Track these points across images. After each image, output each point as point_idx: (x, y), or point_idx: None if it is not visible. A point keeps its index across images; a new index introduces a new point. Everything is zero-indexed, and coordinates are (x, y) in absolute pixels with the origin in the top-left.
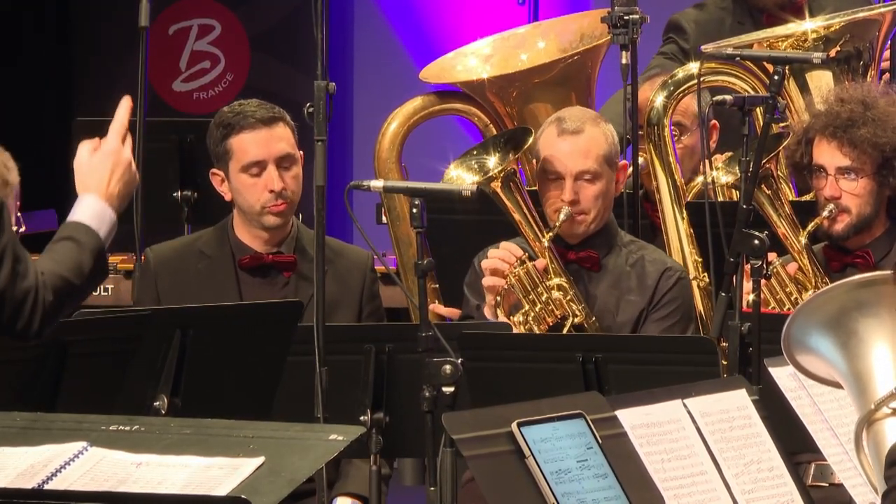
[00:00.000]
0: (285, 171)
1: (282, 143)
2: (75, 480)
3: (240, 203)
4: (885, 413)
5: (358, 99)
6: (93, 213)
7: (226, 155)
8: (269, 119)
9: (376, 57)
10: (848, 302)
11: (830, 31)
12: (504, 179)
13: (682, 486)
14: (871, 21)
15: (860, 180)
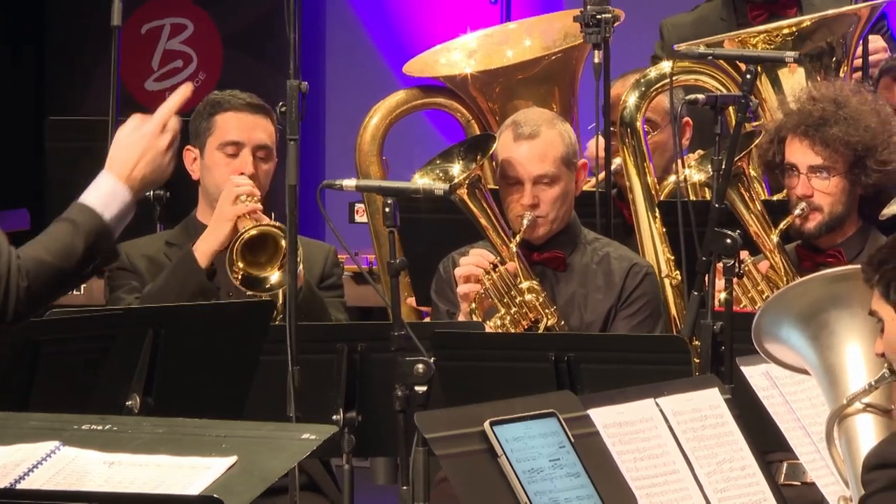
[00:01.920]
0: (261, 162)
1: (263, 134)
2: (48, 480)
3: (206, 182)
4: (857, 408)
5: (330, 98)
6: (103, 193)
7: (207, 131)
8: (257, 107)
9: (348, 56)
10: (821, 296)
11: (802, 27)
12: (469, 186)
13: (654, 485)
14: (844, 18)
15: (832, 179)
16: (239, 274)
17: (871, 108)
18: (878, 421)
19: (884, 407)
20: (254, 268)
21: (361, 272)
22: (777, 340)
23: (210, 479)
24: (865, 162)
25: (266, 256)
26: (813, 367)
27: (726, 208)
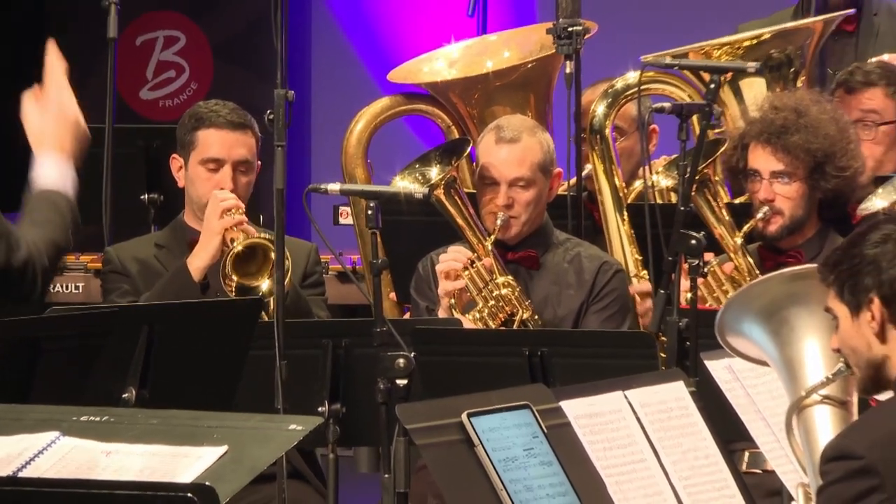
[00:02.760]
0: (241, 175)
1: (243, 150)
2: (48, 468)
3: (189, 192)
4: (814, 400)
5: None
6: (58, 174)
7: (190, 145)
8: (238, 124)
9: (333, 66)
10: (781, 293)
11: (761, 40)
12: (445, 187)
13: (622, 473)
14: (801, 31)
15: (793, 184)
16: (233, 286)
17: (830, 117)
18: (834, 412)
19: (840, 399)
20: (246, 278)
21: (345, 271)
22: (739, 335)
23: (202, 468)
24: (824, 168)
25: (256, 266)
26: (773, 360)
27: (691, 211)
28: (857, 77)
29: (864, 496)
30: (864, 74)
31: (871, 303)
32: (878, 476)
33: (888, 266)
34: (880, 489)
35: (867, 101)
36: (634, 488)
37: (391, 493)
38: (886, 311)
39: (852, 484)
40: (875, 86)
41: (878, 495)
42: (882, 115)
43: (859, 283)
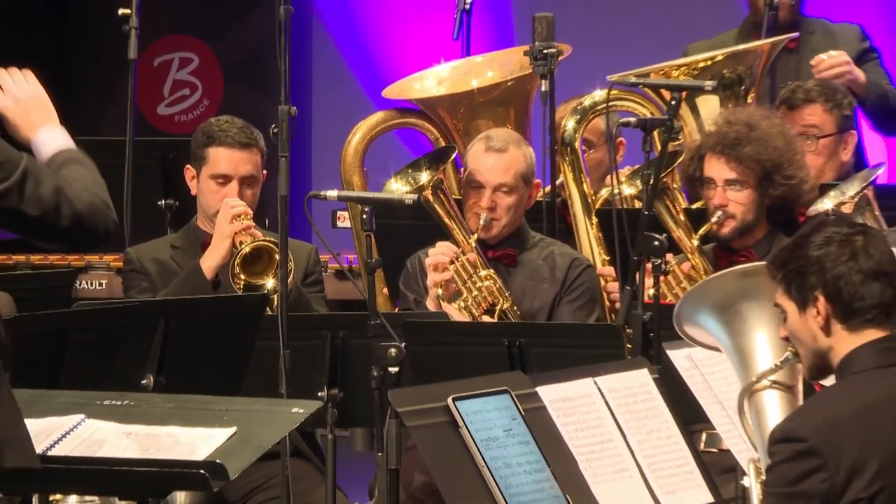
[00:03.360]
0: (246, 188)
1: (249, 166)
2: (74, 447)
3: (201, 201)
4: (764, 385)
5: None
6: (65, 140)
7: (202, 159)
8: (245, 143)
9: (331, 84)
10: (733, 288)
11: (716, 61)
12: (434, 189)
13: (592, 452)
14: (751, 53)
15: (744, 191)
16: (241, 284)
17: (779, 131)
18: (782, 396)
19: (787, 384)
20: (252, 277)
21: (343, 270)
22: (695, 325)
23: (213, 447)
24: (773, 177)
25: (262, 266)
26: (726, 349)
27: (653, 216)
28: (798, 95)
29: (807, 475)
30: (805, 92)
31: (817, 300)
32: (820, 457)
33: (831, 266)
34: (822, 469)
35: (808, 117)
36: (603, 465)
37: (384, 470)
38: (830, 307)
39: (797, 464)
40: (815, 102)
41: (820, 474)
42: (821, 128)
43: (805, 281)
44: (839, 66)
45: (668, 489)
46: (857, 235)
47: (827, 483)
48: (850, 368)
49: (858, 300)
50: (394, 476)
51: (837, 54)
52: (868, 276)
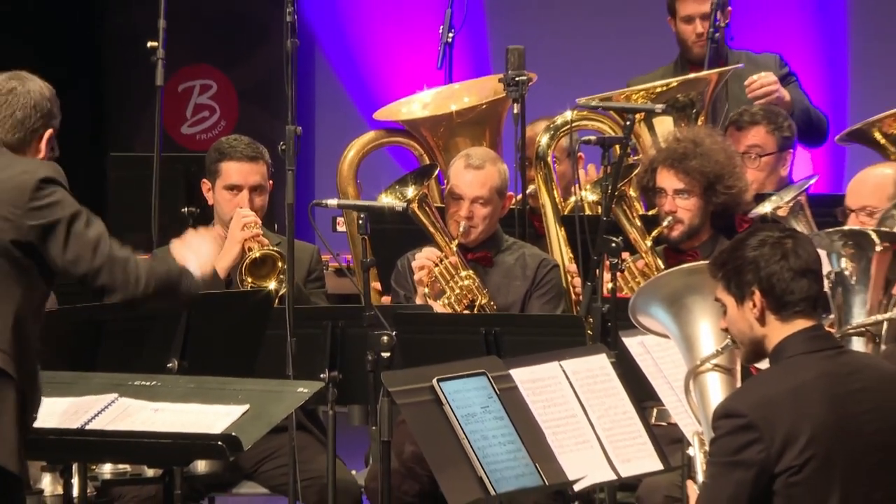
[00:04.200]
0: (255, 196)
1: (257, 176)
2: (108, 422)
3: (216, 210)
4: (707, 367)
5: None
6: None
7: (215, 173)
8: (252, 157)
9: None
10: (681, 283)
11: (670, 87)
12: (419, 201)
13: (558, 426)
14: (700, 80)
15: (691, 199)
16: (248, 286)
17: (721, 147)
18: (722, 377)
19: (727, 367)
20: (257, 279)
21: (341, 268)
22: (647, 316)
23: (229, 422)
24: (716, 187)
25: (266, 270)
26: (674, 336)
27: (612, 221)
28: (745, 118)
29: (746, 447)
30: (751, 115)
31: (753, 294)
32: (758, 431)
33: (765, 266)
34: (759, 441)
35: (752, 137)
36: (567, 438)
37: (378, 441)
38: (765, 301)
39: (737, 437)
40: (759, 124)
41: (757, 446)
42: (764, 148)
43: (743, 279)
44: (769, 86)
45: (624, 458)
46: (787, 238)
47: (763, 453)
48: (783, 354)
49: (789, 294)
50: (386, 447)
51: (766, 75)
52: (797, 274)
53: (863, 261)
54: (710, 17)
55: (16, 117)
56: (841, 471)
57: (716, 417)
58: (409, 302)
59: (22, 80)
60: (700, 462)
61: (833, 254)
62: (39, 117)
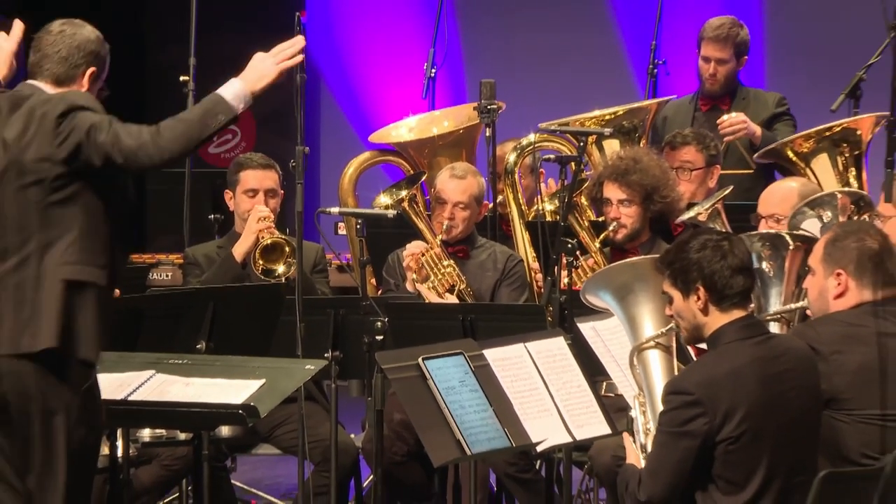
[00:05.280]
0: (270, 199)
1: (270, 182)
2: (147, 394)
3: (238, 213)
4: (649, 345)
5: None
6: (230, 86)
7: (235, 182)
8: (265, 165)
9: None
10: (626, 273)
11: (617, 115)
12: (409, 201)
13: (524, 397)
14: (643, 109)
15: (632, 207)
16: (260, 268)
17: (656, 164)
18: (662, 354)
19: (666, 345)
20: (269, 263)
21: (342, 265)
22: (598, 298)
23: (248, 394)
24: (653, 197)
25: (276, 256)
26: (620, 318)
27: (567, 226)
28: (678, 139)
29: (692, 419)
30: (683, 137)
31: (698, 289)
32: (702, 406)
33: (707, 265)
34: (704, 415)
35: (684, 155)
36: (531, 407)
37: (372, 410)
38: (707, 295)
39: (685, 411)
40: (689, 144)
41: (702, 419)
42: (694, 163)
43: (689, 277)
44: (737, 125)
45: (579, 424)
46: (724, 241)
47: (707, 425)
48: (721, 339)
49: (728, 289)
50: (379, 415)
51: (736, 115)
52: (734, 271)
53: (778, 259)
54: (651, 56)
55: (61, 54)
56: (770, 440)
57: (666, 393)
58: (399, 289)
59: (72, 24)
60: (640, 421)
61: (754, 253)
62: (82, 56)
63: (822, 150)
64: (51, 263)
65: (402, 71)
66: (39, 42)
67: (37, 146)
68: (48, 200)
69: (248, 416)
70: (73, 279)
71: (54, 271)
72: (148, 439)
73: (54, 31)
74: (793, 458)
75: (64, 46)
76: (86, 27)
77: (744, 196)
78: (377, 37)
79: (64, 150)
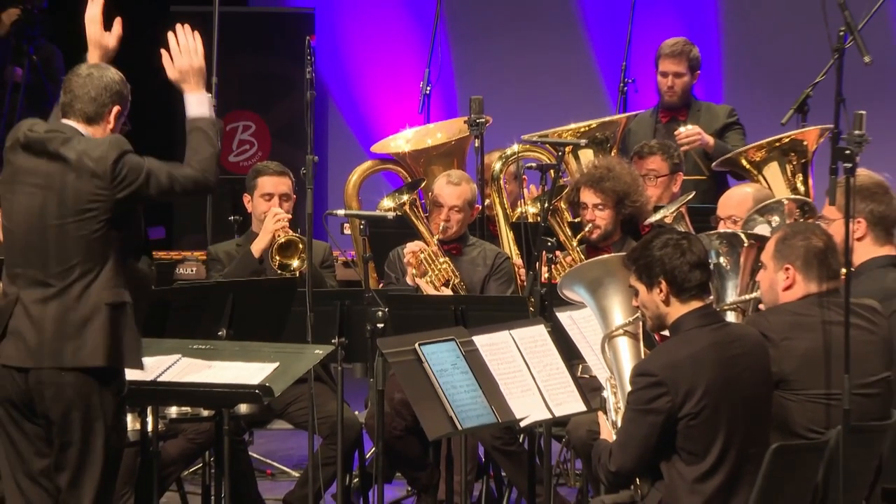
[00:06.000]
0: (284, 202)
1: (284, 186)
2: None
3: (255, 214)
4: (618, 333)
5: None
6: (197, 102)
7: (254, 187)
8: (280, 172)
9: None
10: (597, 270)
11: (591, 127)
12: (410, 204)
13: (509, 378)
14: (614, 122)
15: (605, 211)
16: (276, 263)
17: (627, 172)
18: (630, 340)
19: (633, 332)
20: (284, 258)
21: (347, 262)
22: (573, 291)
23: (264, 375)
24: (624, 201)
25: (290, 252)
26: (592, 308)
27: (548, 226)
28: (645, 149)
29: (657, 398)
30: (649, 147)
31: (661, 283)
32: (665, 386)
33: (669, 262)
34: (667, 394)
35: (650, 164)
36: (515, 387)
37: (374, 390)
38: (669, 288)
39: (650, 391)
40: (655, 154)
41: (665, 398)
42: (659, 171)
43: (652, 272)
44: (692, 136)
45: (557, 402)
46: (684, 240)
47: (670, 403)
48: (682, 327)
49: (687, 283)
50: (380, 394)
51: (692, 128)
52: (693, 267)
53: (734, 255)
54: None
55: (90, 94)
56: (726, 416)
57: (634, 375)
58: (399, 282)
59: (98, 68)
60: (611, 400)
61: (712, 250)
62: (109, 96)
63: (773, 159)
64: (95, 289)
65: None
66: (70, 84)
67: (89, 186)
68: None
69: (263, 395)
70: (114, 301)
71: (98, 296)
72: (175, 416)
73: (83, 74)
74: (746, 432)
75: (92, 87)
76: (110, 69)
77: (700, 198)
78: (378, 58)
79: (122, 192)
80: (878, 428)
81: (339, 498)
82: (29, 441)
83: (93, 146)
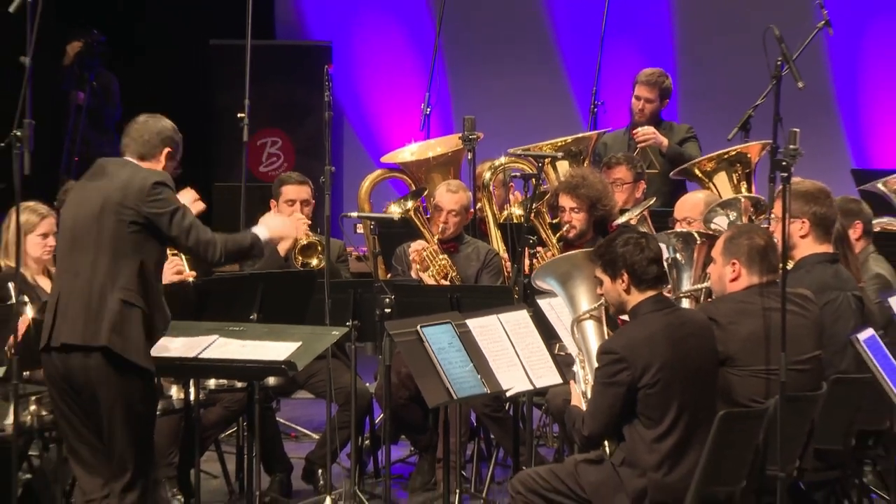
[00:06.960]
0: (304, 207)
1: (305, 194)
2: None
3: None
4: (585, 317)
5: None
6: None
7: (279, 195)
8: (302, 181)
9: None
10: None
11: (567, 142)
12: (414, 210)
13: (497, 356)
14: (587, 138)
15: (580, 214)
16: (299, 261)
17: (599, 180)
18: (595, 325)
19: (598, 317)
20: (305, 258)
21: (360, 256)
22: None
23: (288, 352)
24: (596, 205)
25: (311, 252)
26: (562, 296)
27: (531, 226)
28: (612, 160)
29: (619, 372)
30: (616, 159)
31: (623, 275)
32: (626, 362)
33: (629, 257)
34: (627, 369)
35: (617, 172)
36: (502, 362)
37: (383, 365)
38: (629, 279)
39: (613, 366)
40: (621, 164)
41: (626, 372)
42: (624, 179)
43: (616, 265)
44: (647, 135)
45: (538, 375)
46: (643, 238)
47: (630, 377)
48: (640, 312)
49: (645, 275)
50: (388, 369)
51: (647, 128)
52: (650, 261)
53: (688, 251)
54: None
55: (144, 138)
56: (678, 387)
57: (599, 353)
58: (405, 275)
59: (153, 117)
60: (581, 373)
61: (670, 246)
62: (160, 139)
63: (722, 169)
64: (116, 286)
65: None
66: (129, 129)
67: (132, 197)
68: (121, 234)
69: (288, 369)
70: (128, 300)
71: (116, 292)
72: (213, 387)
73: (140, 121)
74: (696, 400)
75: (146, 132)
76: (163, 119)
77: (652, 192)
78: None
79: (149, 210)
80: (811, 398)
81: (352, 456)
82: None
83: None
